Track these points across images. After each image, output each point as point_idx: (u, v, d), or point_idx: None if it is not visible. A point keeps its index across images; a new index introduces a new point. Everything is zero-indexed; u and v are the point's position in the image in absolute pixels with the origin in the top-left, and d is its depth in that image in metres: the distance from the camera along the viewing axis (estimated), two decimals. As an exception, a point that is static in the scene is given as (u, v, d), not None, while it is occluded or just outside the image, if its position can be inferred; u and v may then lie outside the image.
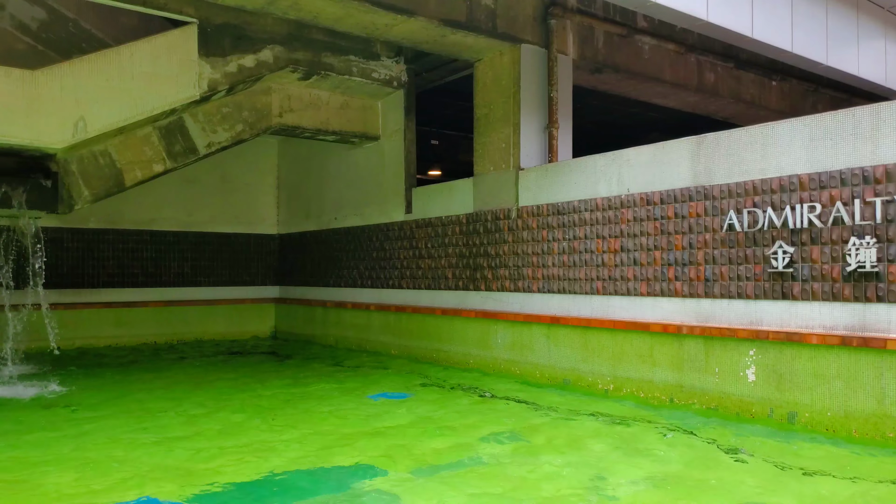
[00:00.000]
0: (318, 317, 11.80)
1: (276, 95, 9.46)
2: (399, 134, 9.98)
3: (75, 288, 11.15)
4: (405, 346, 9.71)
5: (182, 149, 8.89)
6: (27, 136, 7.30)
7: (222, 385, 7.70)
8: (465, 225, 8.80)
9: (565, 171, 7.54)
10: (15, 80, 7.26)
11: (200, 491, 4.07)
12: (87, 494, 4.02)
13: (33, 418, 6.07)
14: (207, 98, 8.40)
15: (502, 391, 7.19)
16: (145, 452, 4.89)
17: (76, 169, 8.31)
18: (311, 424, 5.76)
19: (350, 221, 11.04)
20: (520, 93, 8.22)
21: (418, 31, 7.86)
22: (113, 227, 11.50)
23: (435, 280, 9.24)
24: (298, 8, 7.42)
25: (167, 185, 11.58)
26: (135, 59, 7.84)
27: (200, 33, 7.99)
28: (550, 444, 5.08)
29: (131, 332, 11.63)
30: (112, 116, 7.77)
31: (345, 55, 8.98)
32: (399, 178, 9.95)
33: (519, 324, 7.94)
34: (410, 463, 4.62)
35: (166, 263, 12.04)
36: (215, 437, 5.32)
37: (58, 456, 4.82)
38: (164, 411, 6.31)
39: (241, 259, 12.86)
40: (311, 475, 4.40)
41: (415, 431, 5.49)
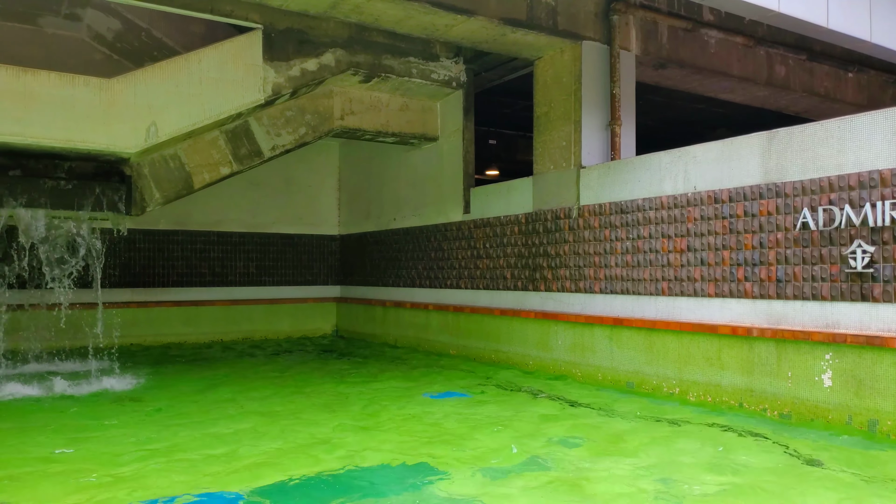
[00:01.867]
0: (378, 316, 11.92)
1: (337, 98, 9.60)
2: (458, 134, 9.98)
3: (147, 287, 11.60)
4: (463, 347, 9.70)
5: (247, 152, 9.12)
6: (104, 142, 7.62)
7: (285, 383, 7.86)
8: (524, 224, 8.73)
9: (629, 169, 7.39)
10: (93, 88, 7.59)
11: (265, 485, 4.16)
12: (141, 489, 4.15)
13: (115, 412, 6.33)
14: (272, 102, 8.59)
15: (563, 393, 7.10)
16: (211, 446, 5.03)
17: (148, 172, 8.63)
18: (373, 423, 5.81)
19: (409, 222, 11.11)
20: (581, 90, 8.10)
21: (478, 31, 7.84)
22: (182, 229, 11.91)
23: (493, 280, 9.20)
24: (360, 11, 7.51)
25: (233, 187, 11.91)
26: (203, 66, 8.08)
27: (265, 38, 8.18)
28: (615, 448, 4.98)
29: (199, 329, 12.01)
30: (181, 121, 8.03)
31: (404, 57, 9.04)
32: (457, 179, 9.96)
33: (580, 325, 7.82)
34: (473, 464, 4.60)
35: (232, 263, 12.39)
36: (276, 434, 5.42)
37: (125, 450, 5.01)
38: (229, 408, 6.48)
39: (304, 259, 13.12)
40: (374, 473, 4.43)
41: (475, 432, 5.46)
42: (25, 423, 5.84)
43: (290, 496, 4.01)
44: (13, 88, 7.19)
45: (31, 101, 7.25)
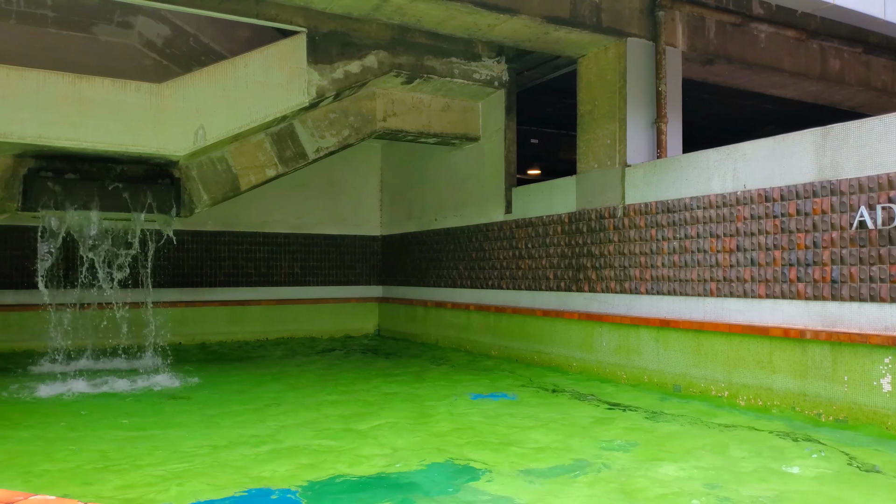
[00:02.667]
0: (419, 316, 11.96)
1: (380, 100, 9.67)
2: (499, 134, 9.94)
3: (195, 287, 11.87)
4: (505, 347, 9.65)
5: (293, 154, 9.25)
6: (154, 145, 7.83)
7: (330, 382, 7.94)
8: (567, 224, 8.64)
9: (675, 168, 7.24)
10: (144, 93, 7.80)
11: (312, 482, 4.20)
12: (189, 485, 4.23)
13: (164, 409, 6.49)
14: (316, 104, 8.70)
15: (607, 395, 7.00)
16: (259, 443, 5.11)
17: (196, 175, 8.83)
18: (416, 423, 5.82)
19: (450, 222, 11.11)
20: (626, 88, 7.98)
21: (521, 30, 7.79)
22: (229, 230, 12.15)
23: (535, 281, 9.13)
24: (403, 12, 7.54)
25: (278, 189, 12.09)
26: (249, 70, 8.23)
27: (309, 42, 8.29)
28: (662, 451, 4.88)
29: (245, 328, 12.24)
30: (228, 124, 8.19)
31: (446, 57, 9.04)
32: (499, 178, 9.91)
33: (625, 326, 7.70)
34: (517, 465, 4.57)
35: (277, 264, 12.59)
36: (322, 432, 5.47)
37: (173, 446, 5.12)
38: (275, 406, 6.57)
39: (347, 259, 13.25)
40: (418, 473, 4.43)
41: (518, 434, 5.43)
42: (76, 420, 6.02)
43: (337, 494, 4.04)
44: (69, 95, 7.43)
45: (85, 106, 7.49)
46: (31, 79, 7.30)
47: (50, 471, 4.44)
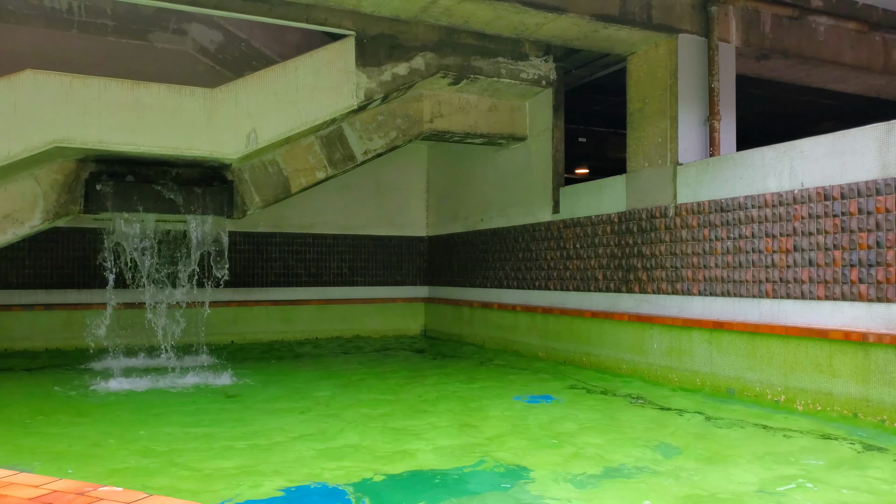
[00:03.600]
0: (465, 316, 11.97)
1: (427, 102, 9.71)
2: (546, 133, 9.87)
3: (247, 287, 12.13)
4: (552, 349, 9.58)
5: (341, 156, 9.37)
6: (208, 149, 8.03)
7: (378, 381, 8.01)
8: (616, 224, 8.52)
9: (729, 166, 7.07)
10: (198, 98, 8.01)
11: (363, 480, 4.25)
12: (242, 482, 4.32)
13: (218, 406, 6.66)
14: (364, 107, 8.79)
15: (658, 398, 6.88)
16: (310, 441, 5.19)
17: (248, 177, 9.03)
18: (464, 423, 5.83)
19: (496, 223, 11.08)
20: (677, 85, 7.83)
21: (569, 29, 7.72)
22: (279, 231, 12.39)
23: (584, 281, 9.04)
24: (450, 13, 7.56)
25: (327, 191, 12.27)
26: (299, 73, 8.37)
27: (357, 45, 8.38)
28: (715, 456, 4.77)
29: (296, 328, 12.45)
30: (279, 128, 8.34)
31: (493, 57, 9.02)
32: (546, 178, 9.84)
33: (677, 328, 7.55)
34: (566, 468, 4.53)
35: (326, 264, 12.78)
36: (371, 431, 5.52)
37: (225, 443, 5.24)
38: (325, 404, 6.67)
39: (394, 260, 13.36)
40: (466, 473, 4.44)
41: (567, 436, 5.38)
42: (135, 416, 6.22)
43: (386, 491, 4.07)
44: (128, 101, 7.69)
45: (143, 111, 7.73)
46: (93, 86, 7.58)
47: (114, 464, 4.60)
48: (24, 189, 8.02)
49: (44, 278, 10.89)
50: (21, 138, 7.27)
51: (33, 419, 6.00)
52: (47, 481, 2.34)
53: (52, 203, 8.12)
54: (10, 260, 10.61)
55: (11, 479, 2.34)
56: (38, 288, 10.85)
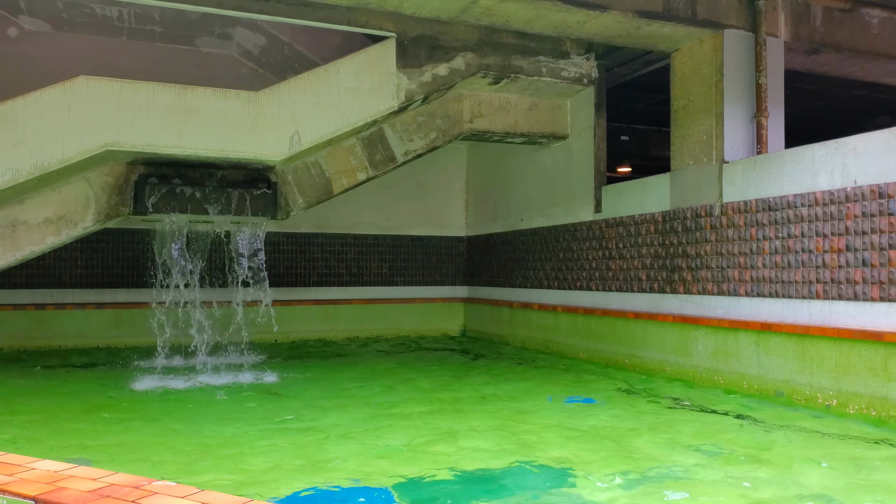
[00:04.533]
0: (505, 317, 11.93)
1: (466, 102, 9.71)
2: (588, 132, 9.77)
3: (289, 286, 12.31)
4: (594, 350, 9.48)
5: (382, 157, 9.44)
6: (252, 151, 8.18)
7: (419, 381, 8.04)
8: (660, 223, 8.38)
9: (777, 163, 6.89)
10: (243, 101, 8.16)
11: (406, 480, 4.27)
12: (281, 479, 4.38)
13: (259, 403, 6.77)
14: (404, 108, 8.84)
15: (704, 401, 6.75)
16: (352, 439, 5.23)
17: (292, 179, 9.16)
18: (506, 424, 5.81)
19: (536, 222, 11.02)
20: (723, 81, 7.66)
21: (611, 26, 7.63)
22: (321, 232, 12.54)
23: (626, 282, 8.92)
24: (491, 13, 7.55)
25: (367, 191, 12.36)
26: (340, 76, 8.46)
27: (398, 46, 8.43)
28: (763, 461, 4.66)
29: (337, 327, 12.59)
30: (322, 130, 8.45)
31: (534, 56, 8.97)
32: (588, 177, 9.74)
33: (723, 330, 7.39)
34: (610, 469, 4.48)
35: (367, 264, 12.90)
36: (412, 431, 5.55)
37: (265, 440, 5.32)
38: (368, 403, 6.72)
39: (433, 260, 13.40)
40: (509, 474, 4.42)
41: (611, 438, 5.32)
42: (181, 413, 6.37)
43: (429, 492, 4.08)
44: (175, 105, 7.88)
45: (190, 115, 7.91)
46: (142, 91, 7.79)
47: (166, 460, 4.72)
48: (77, 192, 8.28)
49: (95, 278, 11.24)
50: (75, 142, 7.51)
51: (85, 415, 6.19)
52: (104, 474, 2.40)
53: (104, 205, 8.36)
54: (63, 260, 10.98)
55: (71, 471, 2.41)
56: (89, 287, 11.21)
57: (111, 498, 2.19)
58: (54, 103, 7.49)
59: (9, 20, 10.45)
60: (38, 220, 8.12)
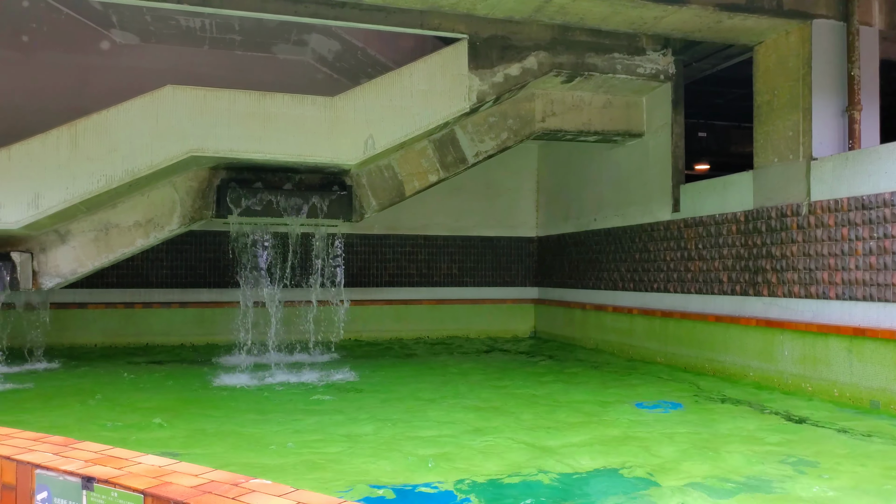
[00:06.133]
0: (578, 319, 11.75)
1: (538, 101, 9.62)
2: (665, 129, 9.51)
3: (362, 287, 12.52)
4: (672, 355, 9.21)
5: (453, 159, 9.47)
6: (329, 155, 8.35)
7: (490, 382, 8.02)
8: (742, 223, 8.08)
9: (872, 160, 6.52)
10: (319, 106, 8.35)
11: (474, 481, 4.25)
12: (351, 474, 4.43)
13: (354, 401, 6.91)
14: (476, 109, 8.83)
15: (790, 409, 6.45)
16: (420, 439, 5.26)
17: (366, 182, 9.30)
18: (580, 428, 5.72)
19: (610, 222, 10.81)
20: (810, 74, 7.32)
21: (690, 21, 7.41)
22: (393, 233, 12.70)
23: (706, 284, 8.63)
24: (565, 12, 7.46)
25: (437, 193, 12.41)
26: (413, 79, 8.53)
27: (470, 48, 8.43)
28: (856, 474, 4.41)
29: (408, 326, 12.72)
30: (395, 133, 8.54)
31: (608, 53, 8.80)
32: (665, 176, 9.48)
33: (811, 334, 7.05)
34: (691, 478, 4.34)
35: (437, 265, 12.97)
36: (483, 433, 5.53)
37: (337, 437, 5.41)
38: (438, 404, 6.75)
39: (503, 261, 13.35)
40: (584, 480, 4.35)
41: (691, 445, 5.15)
42: (262, 408, 6.55)
43: (502, 496, 4.06)
44: (255, 111, 8.13)
45: (268, 121, 8.15)
46: (224, 98, 8.07)
47: (239, 453, 4.87)
48: (164, 196, 8.67)
49: (179, 278, 11.74)
50: (162, 149, 7.86)
51: (172, 408, 6.46)
52: (205, 471, 2.49)
53: (188, 208, 8.72)
54: (150, 261, 11.52)
55: (174, 467, 2.50)
56: (174, 287, 11.72)
57: (212, 494, 2.27)
58: (144, 112, 7.86)
59: (102, 34, 11.05)
60: (128, 223, 8.55)
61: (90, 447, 2.78)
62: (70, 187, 7.63)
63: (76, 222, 8.30)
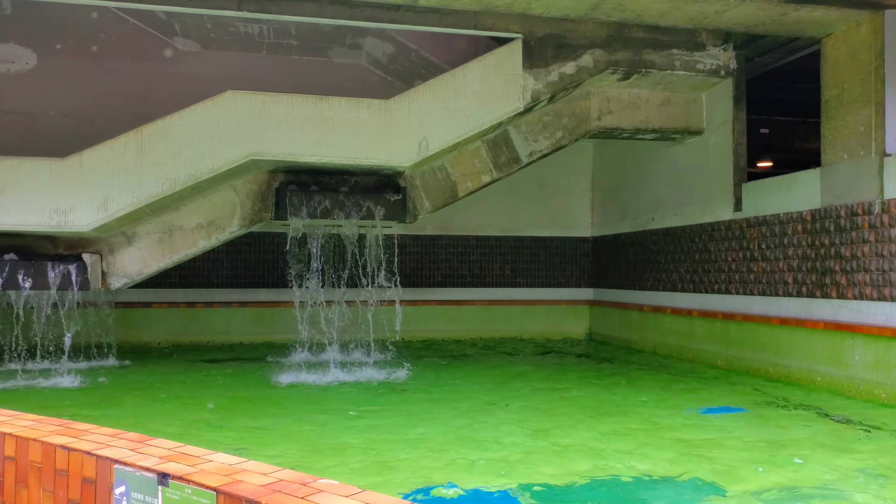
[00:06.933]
0: (635, 321, 11.54)
1: (594, 99, 9.49)
2: (726, 125, 9.24)
3: (415, 287, 12.58)
4: (734, 358, 8.95)
5: (507, 159, 9.42)
6: (384, 157, 8.42)
7: (545, 384, 7.95)
8: (809, 223, 7.78)
9: (951, 156, 6.20)
10: (374, 109, 8.42)
11: (531, 485, 4.21)
12: (406, 476, 4.43)
13: (387, 400, 6.96)
14: (530, 109, 8.77)
15: (863, 417, 6.18)
16: (476, 441, 5.24)
17: (419, 183, 9.35)
18: (641, 433, 5.60)
19: (668, 222, 10.58)
20: (883, 67, 7.00)
21: (753, 14, 7.18)
22: (445, 234, 12.72)
23: (770, 285, 8.35)
24: (622, 9, 7.33)
25: (490, 193, 12.36)
26: (467, 80, 8.52)
27: (524, 47, 8.38)
28: (947, 489, 4.18)
29: (461, 327, 12.72)
30: (448, 134, 8.54)
31: (666, 50, 8.61)
32: (726, 173, 9.22)
33: (885, 338, 6.74)
34: (755, 487, 4.19)
35: (490, 265, 12.93)
36: (538, 435, 5.47)
37: (390, 437, 5.43)
38: (493, 406, 6.71)
39: (556, 262, 13.22)
40: (643, 486, 4.26)
41: (755, 453, 4.98)
42: (307, 408, 6.64)
43: (561, 499, 4.01)
44: (312, 115, 8.26)
45: (325, 124, 8.27)
46: (282, 102, 8.23)
47: (306, 454, 4.95)
48: (225, 199, 8.89)
49: (238, 278, 12.03)
50: (223, 153, 8.06)
51: (234, 406, 6.62)
52: (273, 470, 2.53)
53: (248, 211, 8.93)
54: (211, 262, 11.84)
55: (243, 465, 2.56)
56: (234, 287, 12.02)
57: (282, 493, 2.30)
58: (205, 117, 8.08)
59: (165, 42, 11.42)
60: (191, 225, 8.81)
61: (163, 444, 2.86)
62: (136, 191, 7.90)
63: (142, 224, 8.60)
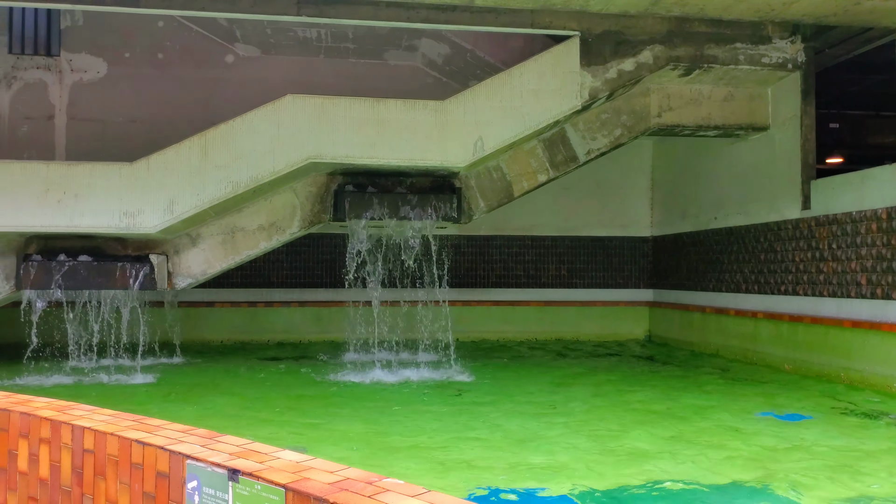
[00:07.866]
0: (696, 323, 11.24)
1: (654, 96, 9.28)
2: (793, 121, 8.90)
3: (470, 287, 12.56)
4: (802, 362, 8.61)
5: (563, 158, 9.31)
6: (439, 158, 8.44)
7: (604, 388, 7.82)
8: (884, 221, 7.42)
9: None
10: (430, 110, 8.45)
11: (590, 489, 4.14)
12: (465, 476, 4.40)
13: (442, 400, 6.96)
14: (588, 107, 8.65)
15: (948, 425, 5.86)
16: (531, 443, 5.19)
17: (474, 184, 9.34)
18: (704, 438, 5.44)
19: (732, 221, 10.26)
20: (967, 56, 6.62)
21: (823, 4, 6.90)
22: (499, 234, 12.65)
23: (841, 286, 8.00)
24: (684, 3, 7.16)
25: (545, 192, 12.24)
26: (523, 79, 8.46)
27: (582, 44, 8.27)
28: None
29: (515, 328, 12.63)
30: (504, 134, 8.50)
31: (729, 44, 8.35)
32: (794, 171, 8.88)
33: (969, 343, 6.38)
34: (826, 495, 4.02)
35: (545, 266, 12.80)
36: (597, 439, 5.39)
37: (445, 437, 5.42)
38: (550, 408, 6.64)
39: (615, 262, 12.98)
40: (708, 491, 4.13)
41: (822, 459, 4.78)
42: (361, 406, 6.68)
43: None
44: (369, 117, 8.35)
45: (382, 127, 8.34)
46: (340, 105, 8.35)
47: (368, 452, 4.99)
48: (285, 201, 9.07)
49: (298, 278, 12.27)
50: (283, 156, 8.23)
51: (296, 403, 6.75)
52: (339, 468, 2.55)
53: (308, 212, 9.09)
54: (271, 263, 12.10)
55: (310, 463, 2.59)
56: (293, 287, 12.25)
57: (349, 492, 2.32)
58: (266, 121, 8.27)
59: (226, 48, 11.74)
60: (252, 226, 9.02)
61: (232, 440, 2.93)
62: (201, 193, 8.15)
63: (206, 226, 8.85)
